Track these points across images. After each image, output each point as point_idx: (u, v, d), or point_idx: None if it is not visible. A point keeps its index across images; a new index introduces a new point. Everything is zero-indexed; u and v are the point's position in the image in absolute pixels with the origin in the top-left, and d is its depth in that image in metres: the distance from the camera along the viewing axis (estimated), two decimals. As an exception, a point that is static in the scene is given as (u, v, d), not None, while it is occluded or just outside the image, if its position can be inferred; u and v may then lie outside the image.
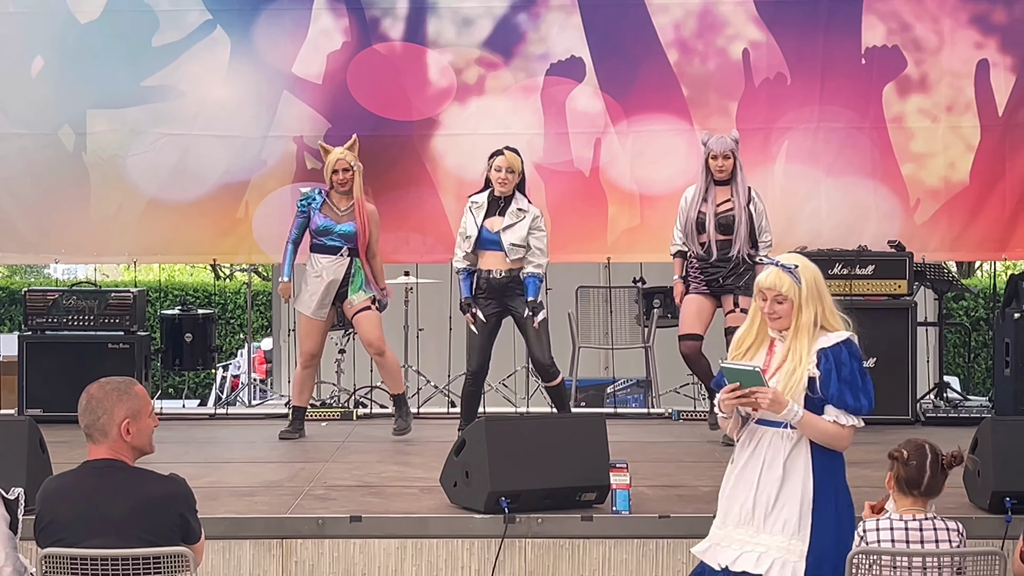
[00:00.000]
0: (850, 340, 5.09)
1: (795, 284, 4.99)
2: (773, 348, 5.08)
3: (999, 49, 10.72)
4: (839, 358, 5.02)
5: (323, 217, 9.09)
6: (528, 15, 10.80)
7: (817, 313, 5.03)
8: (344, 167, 9.07)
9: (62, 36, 10.74)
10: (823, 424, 4.93)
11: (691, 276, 8.96)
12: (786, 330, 5.02)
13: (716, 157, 8.84)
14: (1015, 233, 10.72)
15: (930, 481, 5.07)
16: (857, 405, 4.95)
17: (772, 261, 5.07)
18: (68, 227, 10.83)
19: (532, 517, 6.48)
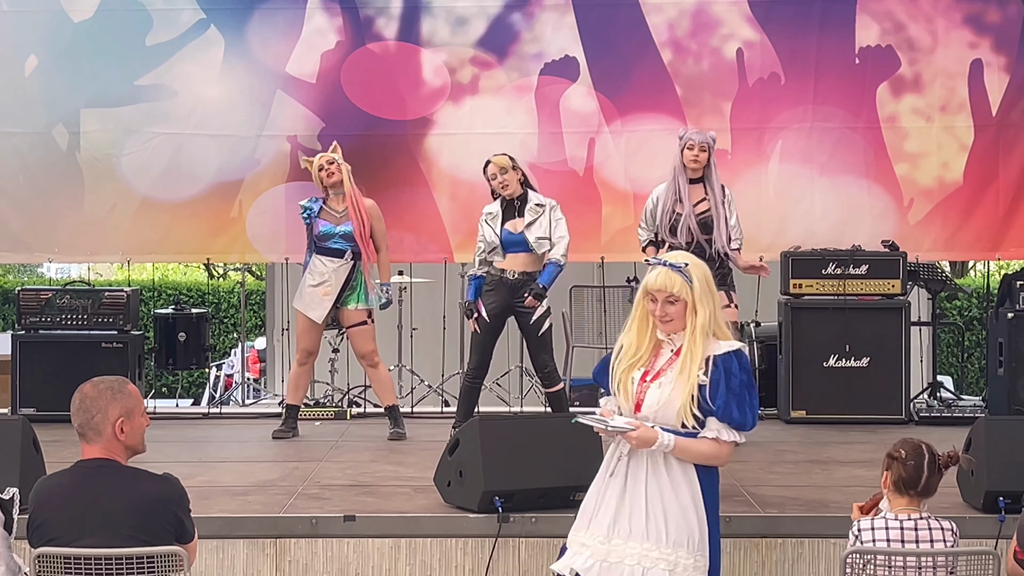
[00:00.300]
0: (741, 351, 4.79)
1: (686, 284, 4.75)
2: (659, 352, 4.85)
3: (993, 49, 10.73)
4: (729, 368, 4.73)
5: (323, 223, 9.11)
6: (522, 14, 10.80)
7: (709, 315, 4.76)
8: (327, 160, 9.12)
9: (55, 35, 10.73)
10: (699, 447, 4.71)
11: None
12: (677, 333, 4.79)
13: (693, 147, 8.64)
14: (1008, 233, 10.73)
15: (927, 481, 5.07)
16: (742, 420, 4.72)
17: (659, 261, 4.83)
18: (61, 226, 10.82)
19: (526, 516, 6.48)
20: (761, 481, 7.57)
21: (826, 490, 7.25)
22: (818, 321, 10.04)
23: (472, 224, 9.45)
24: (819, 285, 10.12)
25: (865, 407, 9.88)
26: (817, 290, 10.12)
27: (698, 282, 4.77)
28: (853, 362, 9.96)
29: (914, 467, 5.07)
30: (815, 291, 10.12)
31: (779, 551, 6.47)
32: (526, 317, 8.81)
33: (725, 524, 6.43)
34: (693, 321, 4.74)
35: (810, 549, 6.47)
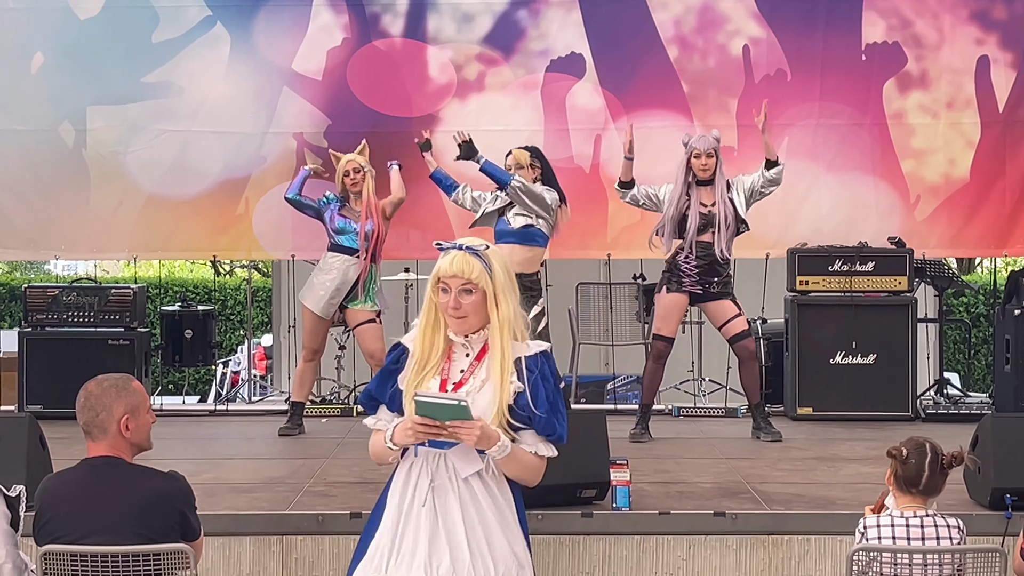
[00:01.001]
0: (548, 352, 4.17)
1: (485, 270, 4.07)
2: (452, 357, 4.18)
3: (999, 45, 10.72)
4: (544, 373, 4.11)
5: (342, 218, 9.12)
6: (528, 11, 10.80)
7: (513, 309, 4.10)
8: (354, 167, 9.13)
9: (62, 32, 10.75)
10: (528, 457, 4.13)
11: (684, 273, 8.90)
12: (475, 332, 4.13)
13: (700, 155, 8.74)
14: (1015, 229, 10.73)
15: (928, 480, 5.04)
16: (561, 432, 4.17)
17: (452, 244, 4.17)
18: (68, 223, 10.83)
19: (532, 513, 6.45)
20: (767, 478, 7.56)
21: (832, 487, 7.24)
22: (824, 318, 10.03)
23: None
24: (825, 282, 10.10)
25: (872, 404, 9.87)
26: (824, 287, 10.11)
27: (500, 269, 4.11)
28: (860, 359, 9.95)
29: (915, 465, 5.05)
30: (821, 288, 10.11)
31: (785, 548, 6.46)
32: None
33: (731, 521, 6.45)
34: (496, 316, 4.08)
35: (816, 546, 6.45)
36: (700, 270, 8.82)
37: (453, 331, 4.14)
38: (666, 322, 8.95)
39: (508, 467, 4.10)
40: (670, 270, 8.95)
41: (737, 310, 8.87)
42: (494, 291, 4.07)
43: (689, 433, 9.50)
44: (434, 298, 4.15)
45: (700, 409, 10.39)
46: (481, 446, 3.98)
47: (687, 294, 8.88)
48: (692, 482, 7.44)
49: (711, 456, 8.43)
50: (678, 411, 10.31)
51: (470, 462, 4.09)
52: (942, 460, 5.04)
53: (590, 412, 8.38)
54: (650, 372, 9.08)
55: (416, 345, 4.19)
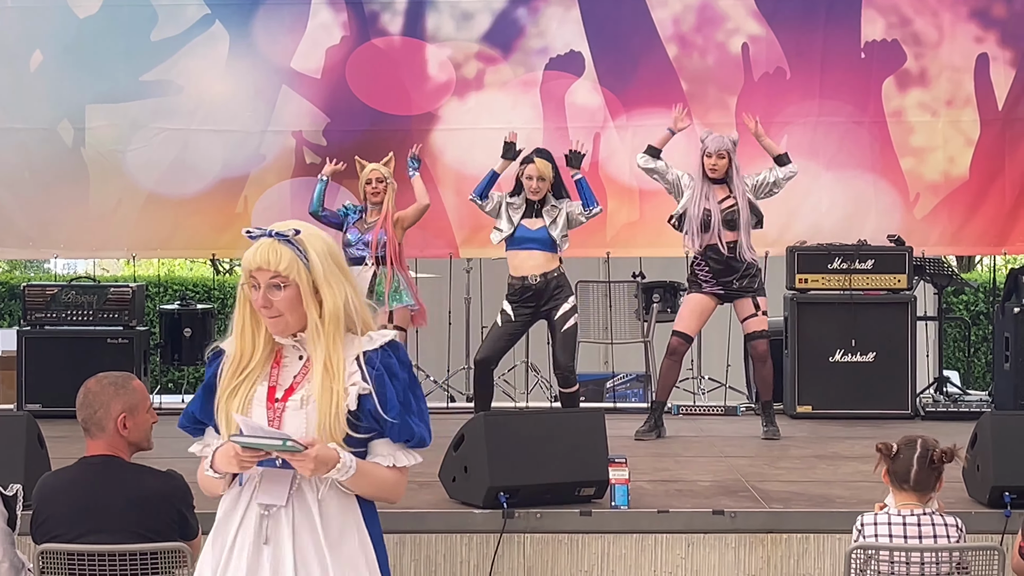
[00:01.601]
0: (396, 342, 3.58)
1: (298, 258, 3.46)
2: (281, 360, 3.59)
3: (999, 43, 10.71)
4: (391, 368, 3.52)
5: (354, 231, 9.12)
6: (527, 9, 10.80)
7: (343, 299, 3.49)
8: (378, 177, 9.10)
9: (61, 31, 10.75)
10: (382, 473, 3.55)
11: (702, 277, 8.89)
12: (301, 330, 3.53)
13: (710, 155, 8.76)
14: (1015, 227, 10.72)
15: (918, 476, 5.01)
16: (422, 434, 3.62)
17: (262, 231, 3.52)
18: (67, 222, 10.83)
19: (531, 512, 6.47)
20: (766, 476, 7.56)
21: (832, 485, 7.24)
22: (824, 316, 10.02)
23: (477, 219, 9.46)
24: (825, 280, 10.10)
25: (871, 402, 9.86)
26: (823, 285, 10.11)
27: (317, 255, 3.48)
28: (859, 357, 9.95)
29: (903, 461, 5.04)
30: (821, 286, 10.11)
31: (784, 546, 6.45)
32: (555, 312, 8.67)
33: (730, 519, 6.45)
34: (316, 311, 3.48)
35: (815, 544, 6.45)
36: (714, 271, 8.81)
37: (272, 332, 3.56)
38: (684, 320, 8.96)
39: (358, 487, 3.51)
40: (690, 273, 8.97)
41: (754, 309, 8.86)
42: (312, 281, 3.46)
43: (688, 431, 9.50)
44: (246, 293, 3.56)
45: (699, 407, 10.39)
46: (318, 473, 3.41)
47: (710, 295, 8.87)
48: (691, 480, 7.43)
49: (710, 454, 8.43)
50: (677, 409, 10.30)
51: (273, 492, 3.49)
52: (931, 456, 5.01)
53: (589, 410, 8.38)
54: (664, 368, 9.05)
55: (232, 345, 3.64)
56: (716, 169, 8.78)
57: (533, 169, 8.60)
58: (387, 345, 3.53)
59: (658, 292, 11.27)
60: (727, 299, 8.94)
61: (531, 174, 8.59)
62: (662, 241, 10.71)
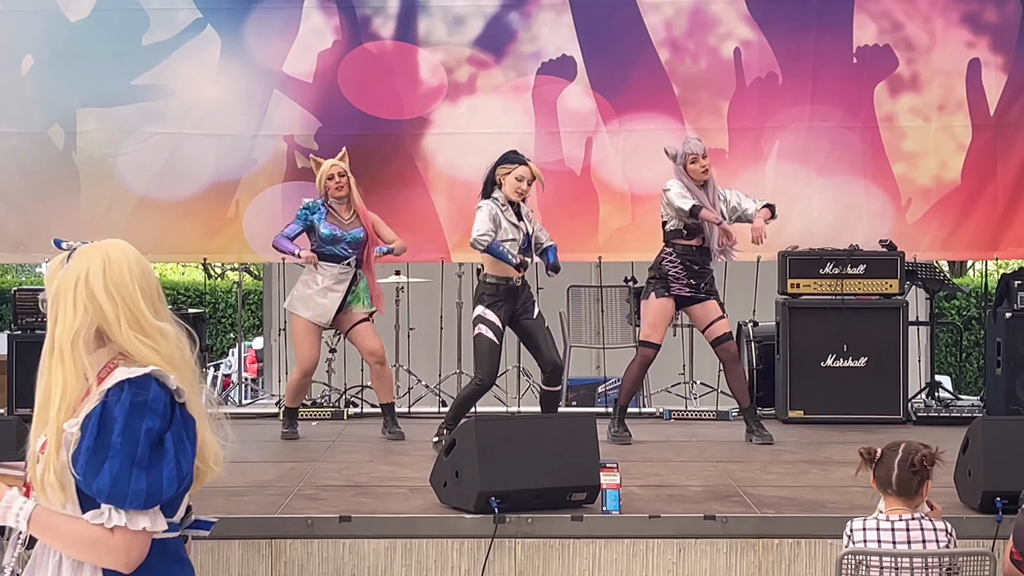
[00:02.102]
0: (148, 378, 2.96)
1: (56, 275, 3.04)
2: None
3: (990, 48, 10.72)
4: (109, 410, 2.91)
5: (329, 226, 9.07)
6: (519, 14, 10.79)
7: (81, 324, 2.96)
8: (339, 171, 9.07)
9: (52, 35, 10.72)
10: (69, 527, 2.95)
11: (673, 278, 8.91)
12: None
13: (697, 159, 8.82)
14: (1006, 232, 10.73)
15: (899, 480, 5.01)
16: (120, 491, 2.88)
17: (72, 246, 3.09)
18: (58, 226, 10.76)
19: (522, 517, 6.47)
20: (758, 481, 7.56)
21: (823, 490, 7.24)
22: (816, 321, 10.03)
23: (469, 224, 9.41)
24: (817, 285, 10.10)
25: (863, 407, 9.87)
26: (815, 290, 10.11)
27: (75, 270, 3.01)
28: (851, 362, 9.95)
29: (885, 465, 5.05)
30: (813, 291, 10.11)
31: (776, 552, 6.45)
32: (529, 315, 8.68)
33: (722, 524, 6.45)
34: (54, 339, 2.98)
35: (807, 549, 6.45)
36: (690, 273, 8.83)
37: None
38: (656, 328, 8.95)
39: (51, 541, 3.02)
40: (657, 275, 8.94)
41: (721, 312, 8.91)
42: (54, 300, 2.99)
43: (680, 436, 9.50)
44: None
45: (691, 412, 10.39)
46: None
47: (674, 298, 8.88)
48: (682, 485, 7.43)
49: (702, 459, 8.43)
50: (669, 414, 10.31)
51: None
52: (912, 460, 5.00)
53: (580, 415, 8.38)
54: (634, 377, 9.08)
55: None
56: (706, 169, 8.85)
57: (526, 171, 8.54)
58: (118, 385, 2.93)
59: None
60: (688, 303, 8.97)
61: (524, 175, 8.53)
62: (654, 246, 10.66)
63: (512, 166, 8.53)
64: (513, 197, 8.53)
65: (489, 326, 8.49)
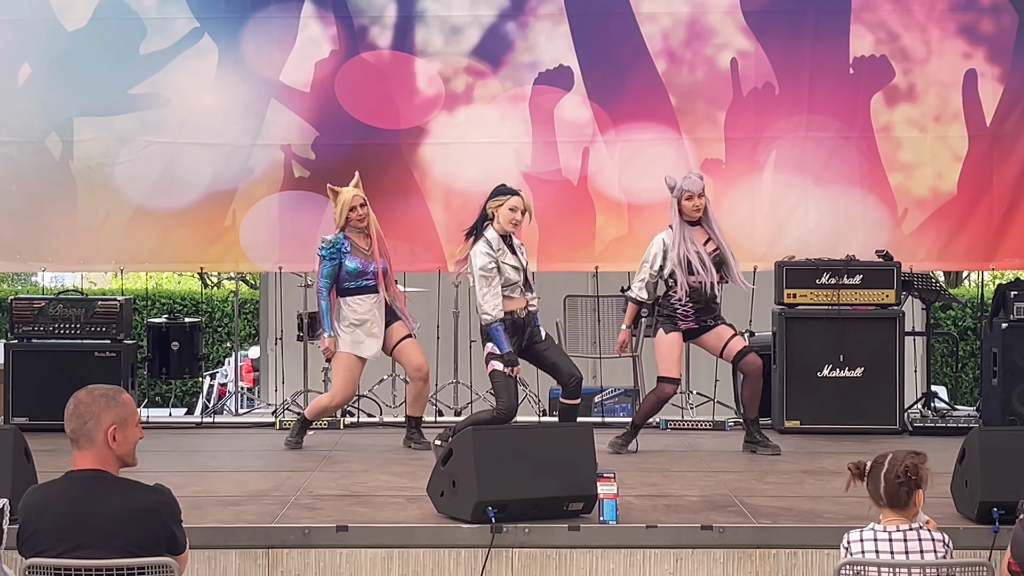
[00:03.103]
0: None
1: None
2: None
3: (987, 59, 10.73)
4: None
5: (354, 259, 9.05)
6: (516, 24, 10.80)
7: None
8: (361, 202, 9.06)
9: (49, 44, 10.73)
10: None
11: (679, 315, 8.98)
12: None
13: (691, 197, 8.88)
14: (1003, 243, 10.73)
15: (887, 492, 5.04)
16: None
17: None
18: (55, 235, 10.80)
19: (519, 527, 6.47)
20: (754, 491, 7.56)
21: (819, 500, 7.24)
22: (812, 331, 10.03)
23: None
24: (813, 295, 10.11)
25: (859, 417, 9.88)
26: (811, 300, 10.12)
27: None
28: (847, 372, 9.95)
29: (873, 478, 5.08)
30: (809, 301, 10.12)
31: (772, 562, 6.45)
32: (538, 339, 8.66)
33: (719, 534, 6.45)
34: None
35: (803, 560, 6.45)
36: (696, 310, 8.93)
37: None
38: (671, 364, 9.04)
39: None
40: (664, 312, 9.00)
41: (732, 331, 9.03)
42: None
43: (677, 446, 9.50)
44: None
45: (688, 422, 10.39)
46: None
47: (682, 332, 8.99)
48: (679, 495, 7.43)
49: (699, 469, 8.43)
50: (666, 424, 10.30)
51: None
52: (896, 471, 5.02)
53: (577, 425, 8.37)
54: (653, 405, 9.16)
55: None
56: (699, 208, 8.92)
57: (519, 201, 8.52)
58: None
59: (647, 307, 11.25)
60: (696, 335, 9.09)
61: (517, 205, 8.50)
62: (651, 256, 10.73)
63: (504, 198, 8.52)
64: (508, 229, 8.53)
65: (501, 360, 8.45)
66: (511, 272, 8.48)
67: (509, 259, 8.50)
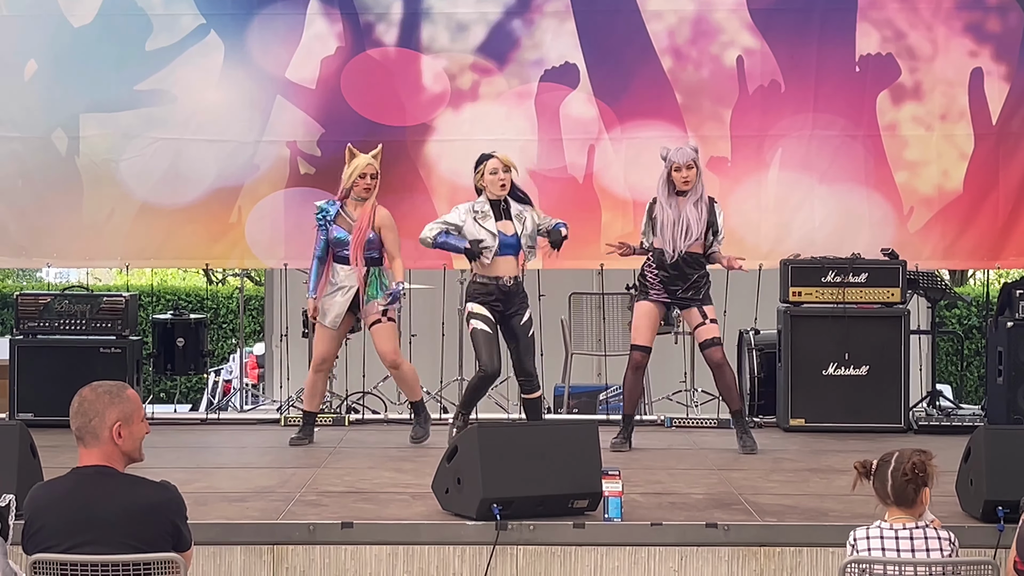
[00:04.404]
0: None
1: None
2: None
3: (993, 58, 10.72)
4: None
5: (338, 228, 9.03)
6: (522, 21, 10.80)
7: None
8: (372, 172, 9.01)
9: (55, 40, 10.73)
10: None
11: (649, 284, 8.96)
12: None
13: (680, 168, 8.85)
14: (1008, 242, 10.72)
15: (894, 490, 5.03)
16: None
17: None
18: (60, 231, 10.81)
19: (524, 524, 6.47)
20: (759, 489, 7.56)
21: (825, 499, 7.24)
22: (817, 329, 10.02)
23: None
24: (818, 293, 10.10)
25: (864, 416, 9.87)
26: (816, 298, 10.11)
27: None
28: (852, 370, 9.95)
29: (879, 477, 5.07)
30: (814, 299, 10.11)
31: (777, 560, 6.45)
32: (518, 318, 8.82)
33: (723, 532, 6.45)
34: None
35: (809, 558, 6.45)
36: (663, 278, 8.89)
37: None
38: (639, 331, 9.04)
39: None
40: (640, 280, 9.04)
41: (702, 318, 8.92)
42: None
43: (681, 444, 9.50)
44: None
45: (692, 420, 10.39)
46: None
47: (656, 303, 8.94)
48: (684, 493, 7.43)
49: (703, 467, 8.43)
50: (670, 422, 10.31)
51: None
52: (904, 468, 5.02)
53: (582, 422, 8.38)
54: (629, 382, 9.12)
55: None
56: (688, 181, 8.88)
57: (496, 163, 8.73)
58: None
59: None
60: (678, 307, 9.09)
61: (495, 168, 8.71)
62: (656, 253, 10.73)
63: (481, 167, 8.77)
64: (498, 191, 8.72)
65: (479, 319, 8.70)
66: (488, 238, 8.64)
67: (488, 224, 8.63)
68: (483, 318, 8.72)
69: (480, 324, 8.73)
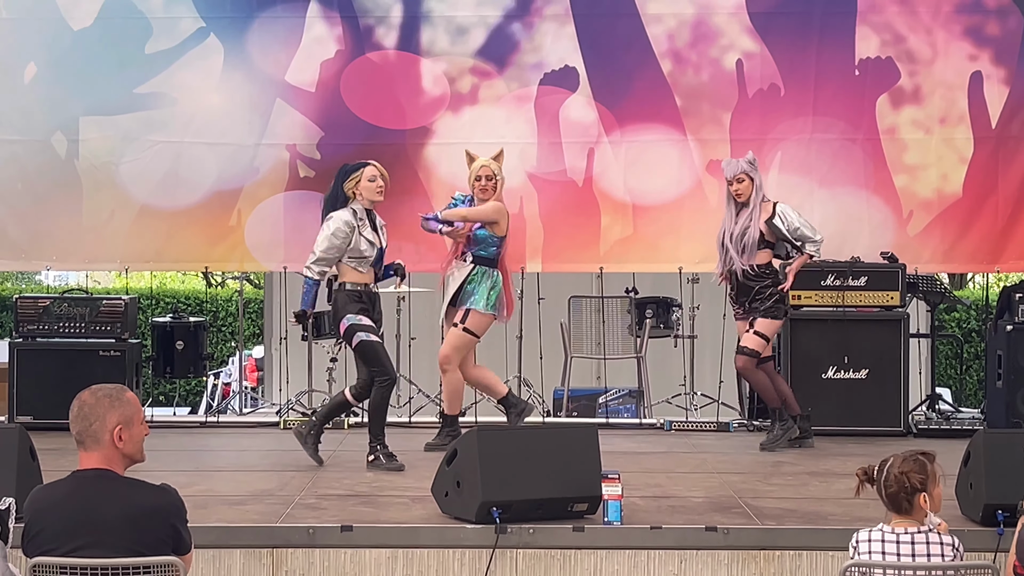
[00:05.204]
0: None
1: None
2: None
3: (992, 61, 10.73)
4: None
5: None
6: (522, 24, 10.80)
7: None
8: (487, 174, 9.00)
9: (55, 43, 10.74)
10: None
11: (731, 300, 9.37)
12: None
13: (730, 183, 9.11)
14: (1008, 245, 10.72)
15: (887, 498, 5.04)
16: None
17: None
18: (60, 234, 10.81)
19: (523, 527, 6.47)
20: (759, 493, 7.56)
21: (824, 502, 7.24)
22: (817, 333, 10.03)
23: (471, 233, 9.42)
24: (818, 296, 10.11)
25: (863, 419, 9.88)
26: (816, 301, 10.12)
27: None
28: (852, 374, 9.95)
29: (877, 485, 5.08)
30: (814, 302, 10.12)
31: (777, 563, 6.45)
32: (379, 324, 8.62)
33: (723, 536, 6.45)
34: None
35: (808, 561, 6.45)
36: (732, 293, 9.27)
37: None
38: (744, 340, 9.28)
39: None
40: None
41: (748, 328, 9.15)
42: None
43: (681, 447, 9.50)
44: None
45: (692, 423, 10.39)
46: None
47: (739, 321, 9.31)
48: (684, 496, 7.43)
49: (703, 470, 8.43)
50: (670, 425, 10.31)
51: None
52: (889, 480, 5.01)
53: (582, 426, 8.38)
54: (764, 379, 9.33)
55: None
56: (741, 194, 9.09)
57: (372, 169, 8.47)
58: None
59: (651, 308, 11.26)
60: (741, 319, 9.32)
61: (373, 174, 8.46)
62: (655, 257, 10.74)
63: (356, 173, 8.47)
64: (377, 198, 8.46)
65: (366, 330, 8.37)
66: (366, 246, 8.42)
67: (367, 233, 8.45)
68: (368, 328, 8.39)
69: (368, 335, 8.36)
